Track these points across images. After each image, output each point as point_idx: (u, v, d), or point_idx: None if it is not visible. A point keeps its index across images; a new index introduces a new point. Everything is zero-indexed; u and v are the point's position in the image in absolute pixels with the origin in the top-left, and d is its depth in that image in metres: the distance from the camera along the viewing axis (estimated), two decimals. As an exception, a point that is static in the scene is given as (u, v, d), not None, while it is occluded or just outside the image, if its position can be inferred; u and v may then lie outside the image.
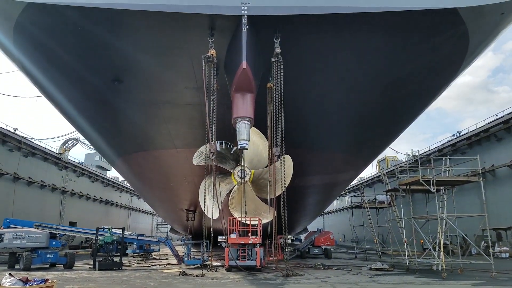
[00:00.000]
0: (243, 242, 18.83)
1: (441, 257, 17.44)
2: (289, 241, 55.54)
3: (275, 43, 14.03)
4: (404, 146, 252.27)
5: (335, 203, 70.60)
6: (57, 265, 21.72)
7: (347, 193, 64.52)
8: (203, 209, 17.74)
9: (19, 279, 10.95)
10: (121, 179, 65.69)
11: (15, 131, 38.71)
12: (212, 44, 13.90)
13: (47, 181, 44.22)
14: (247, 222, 18.98)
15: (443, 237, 18.04)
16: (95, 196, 58.03)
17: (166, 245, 25.66)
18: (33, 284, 10.82)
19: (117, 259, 21.35)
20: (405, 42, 15.40)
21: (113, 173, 72.79)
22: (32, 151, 41.24)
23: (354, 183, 58.88)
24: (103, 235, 22.39)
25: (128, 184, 61.52)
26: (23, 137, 39.62)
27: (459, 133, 41.26)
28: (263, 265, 19.71)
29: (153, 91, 18.24)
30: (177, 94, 18.29)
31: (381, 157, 54.63)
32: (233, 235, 19.03)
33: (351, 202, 47.79)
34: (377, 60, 16.24)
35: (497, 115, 34.93)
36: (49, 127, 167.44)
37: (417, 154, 24.00)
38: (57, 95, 20.91)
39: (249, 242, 18.74)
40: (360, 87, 17.90)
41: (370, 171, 65.83)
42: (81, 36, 14.94)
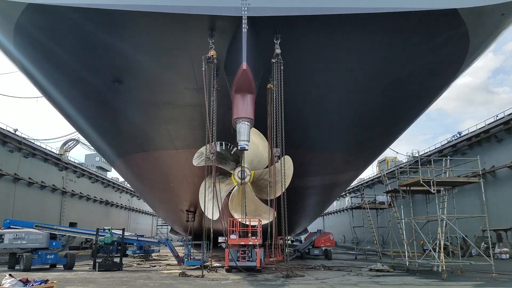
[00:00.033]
0: (243, 243, 18.80)
1: (441, 258, 17.42)
2: (289, 242, 55.60)
3: (275, 44, 14.01)
4: (404, 147, 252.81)
5: (335, 204, 70.59)
6: (57, 266, 21.70)
7: (347, 194, 64.48)
8: (203, 210, 17.71)
9: (19, 280, 10.97)
10: (121, 179, 65.71)
11: (16, 131, 38.79)
12: (212, 45, 13.89)
13: (47, 181, 44.27)
14: (247, 223, 18.97)
15: (443, 238, 18.02)
16: (95, 197, 58.08)
17: (166, 246, 25.67)
18: (33, 284, 10.84)
19: (117, 260, 21.34)
20: (405, 42, 15.39)
21: (113, 174, 73.00)
22: (32, 151, 41.29)
23: (354, 184, 58.88)
24: (103, 235, 22.35)
25: (128, 185, 61.56)
26: (24, 138, 39.66)
27: (460, 134, 41.26)
28: (263, 266, 19.68)
29: (153, 92, 18.25)
30: (177, 95, 18.31)
31: (381, 158, 54.65)
32: (233, 236, 19.00)
33: (351, 203, 47.73)
34: (377, 60, 16.24)
35: (497, 116, 34.93)
36: (50, 128, 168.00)
37: (417, 155, 24.02)
38: (57, 96, 20.92)
39: (249, 243, 18.71)
40: (360, 87, 17.90)
41: (370, 172, 65.96)
42: (81, 37, 14.95)
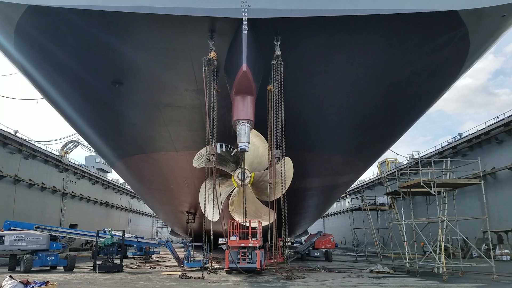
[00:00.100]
0: (244, 244, 18.77)
1: (442, 259, 17.40)
2: (290, 244, 55.55)
3: (276, 46, 14.04)
4: (404, 148, 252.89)
5: (335, 205, 70.57)
6: (57, 268, 21.68)
7: (348, 196, 64.46)
8: (203, 212, 17.71)
9: (20, 281, 10.99)
10: (121, 181, 65.76)
11: (16, 133, 38.79)
12: (212, 46, 13.93)
13: (47, 183, 44.28)
14: (248, 224, 18.95)
15: (444, 239, 18.01)
16: (95, 198, 58.08)
17: (166, 248, 25.64)
18: (33, 286, 10.86)
19: (117, 261, 21.33)
20: (406, 44, 15.39)
21: (113, 175, 72.99)
22: (32, 153, 41.28)
23: (354, 185, 58.87)
24: (103, 237, 22.34)
25: (128, 186, 61.54)
26: (24, 140, 39.70)
27: (460, 136, 41.20)
28: (264, 268, 19.66)
29: (153, 94, 18.26)
30: (177, 96, 18.31)
31: (381, 159, 54.69)
32: (233, 238, 18.99)
33: (352, 204, 47.74)
34: (378, 62, 16.24)
35: (497, 118, 34.90)
36: (50, 130, 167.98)
37: (417, 156, 23.95)
38: (58, 97, 20.94)
39: (250, 244, 18.68)
40: (360, 88, 17.90)
41: (370, 173, 66.14)
42: (82, 38, 14.97)
